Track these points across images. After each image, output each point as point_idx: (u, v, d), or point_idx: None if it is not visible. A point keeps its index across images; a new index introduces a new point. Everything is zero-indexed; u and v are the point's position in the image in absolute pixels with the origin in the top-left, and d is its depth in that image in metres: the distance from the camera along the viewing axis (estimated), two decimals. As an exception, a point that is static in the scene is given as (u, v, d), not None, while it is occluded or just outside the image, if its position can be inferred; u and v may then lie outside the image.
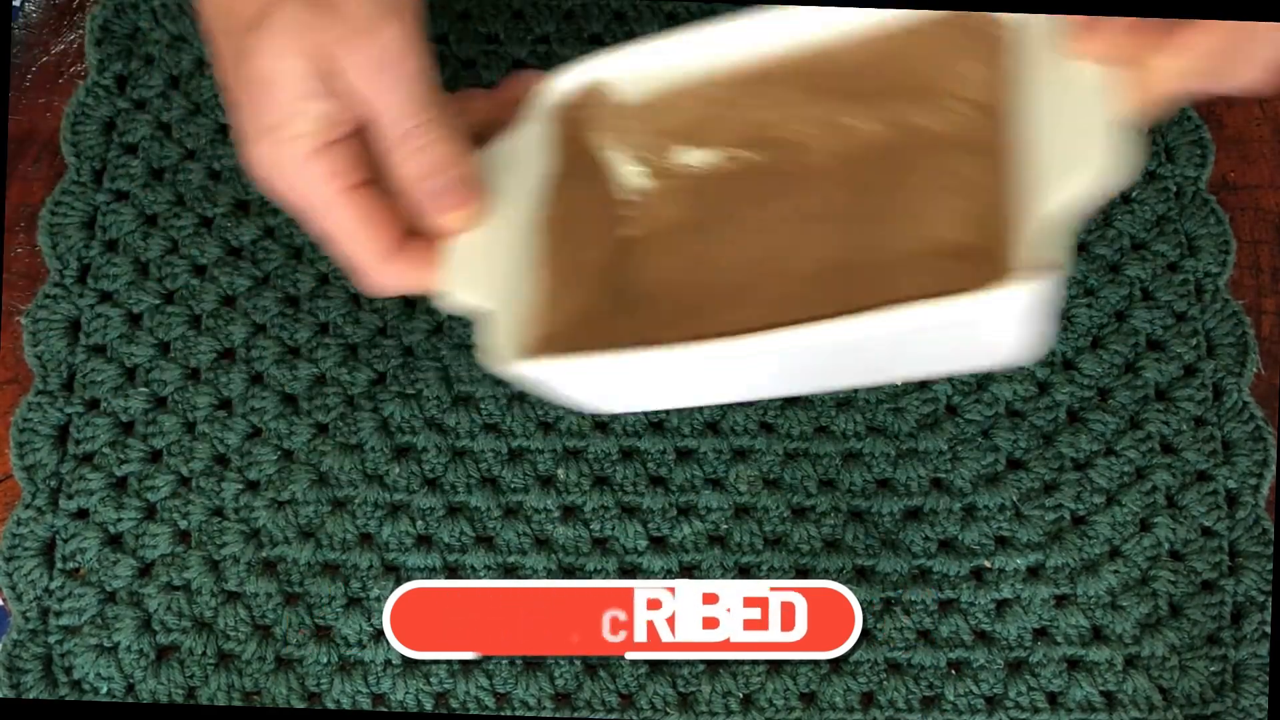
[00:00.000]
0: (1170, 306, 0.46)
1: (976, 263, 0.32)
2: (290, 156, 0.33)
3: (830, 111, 0.37)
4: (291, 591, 0.42)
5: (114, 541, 0.42)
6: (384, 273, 0.35)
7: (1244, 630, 0.42)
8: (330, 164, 0.34)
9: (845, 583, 0.42)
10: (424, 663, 0.42)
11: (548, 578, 0.42)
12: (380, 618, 0.42)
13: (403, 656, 0.42)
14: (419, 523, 0.43)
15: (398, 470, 0.43)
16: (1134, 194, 0.47)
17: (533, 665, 0.42)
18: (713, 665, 0.42)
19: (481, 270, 0.35)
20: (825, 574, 0.42)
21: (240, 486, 0.43)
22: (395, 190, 0.35)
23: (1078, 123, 0.31)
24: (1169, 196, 0.47)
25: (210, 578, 0.42)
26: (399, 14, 0.33)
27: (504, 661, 0.42)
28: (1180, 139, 0.48)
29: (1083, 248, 0.46)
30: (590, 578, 0.43)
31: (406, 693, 0.41)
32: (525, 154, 0.37)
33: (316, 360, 0.44)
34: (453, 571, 0.42)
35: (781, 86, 0.37)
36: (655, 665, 0.42)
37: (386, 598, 0.42)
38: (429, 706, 0.41)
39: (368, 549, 0.42)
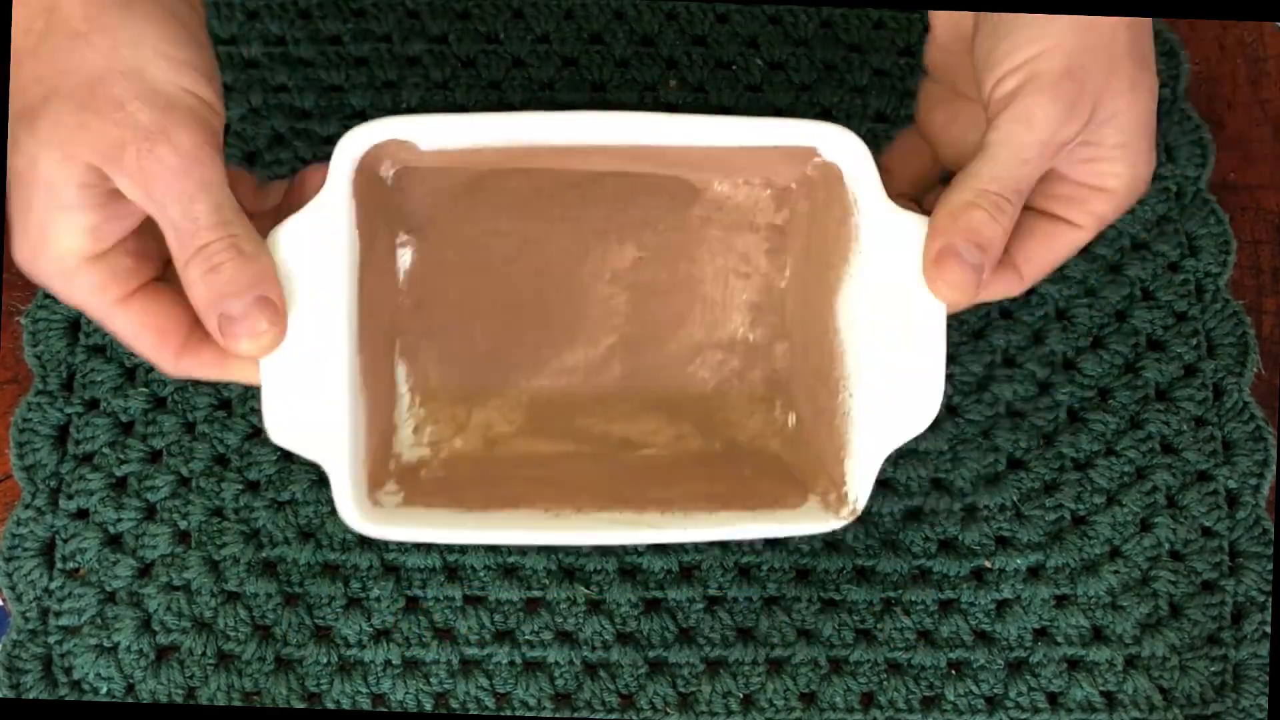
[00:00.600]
0: (1170, 306, 0.46)
1: (755, 363, 0.40)
2: (56, 270, 0.31)
3: (636, 166, 0.38)
4: (291, 592, 0.41)
5: (114, 541, 0.42)
6: (179, 369, 0.33)
7: (1244, 630, 0.42)
8: (99, 276, 0.31)
9: (845, 583, 0.42)
10: (425, 662, 0.42)
11: (546, 578, 0.42)
12: (380, 619, 0.41)
13: (403, 656, 0.42)
14: None
15: None
16: None
17: (533, 665, 0.42)
18: (713, 665, 0.42)
19: (301, 412, 0.33)
20: (825, 574, 0.42)
21: (240, 487, 0.42)
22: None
23: (901, 312, 0.34)
24: (1169, 196, 0.47)
25: (210, 578, 0.41)
26: (190, 117, 0.31)
27: (504, 662, 0.42)
28: (1181, 139, 0.48)
29: (1083, 248, 0.45)
30: (590, 578, 0.42)
31: (406, 693, 0.41)
32: (327, 227, 0.34)
33: None
34: (452, 572, 0.42)
35: (590, 152, 0.37)
36: (655, 665, 0.42)
37: (386, 598, 0.42)
38: (429, 706, 0.41)
39: (367, 550, 0.42)
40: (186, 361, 0.33)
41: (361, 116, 0.48)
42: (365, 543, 0.42)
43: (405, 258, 0.39)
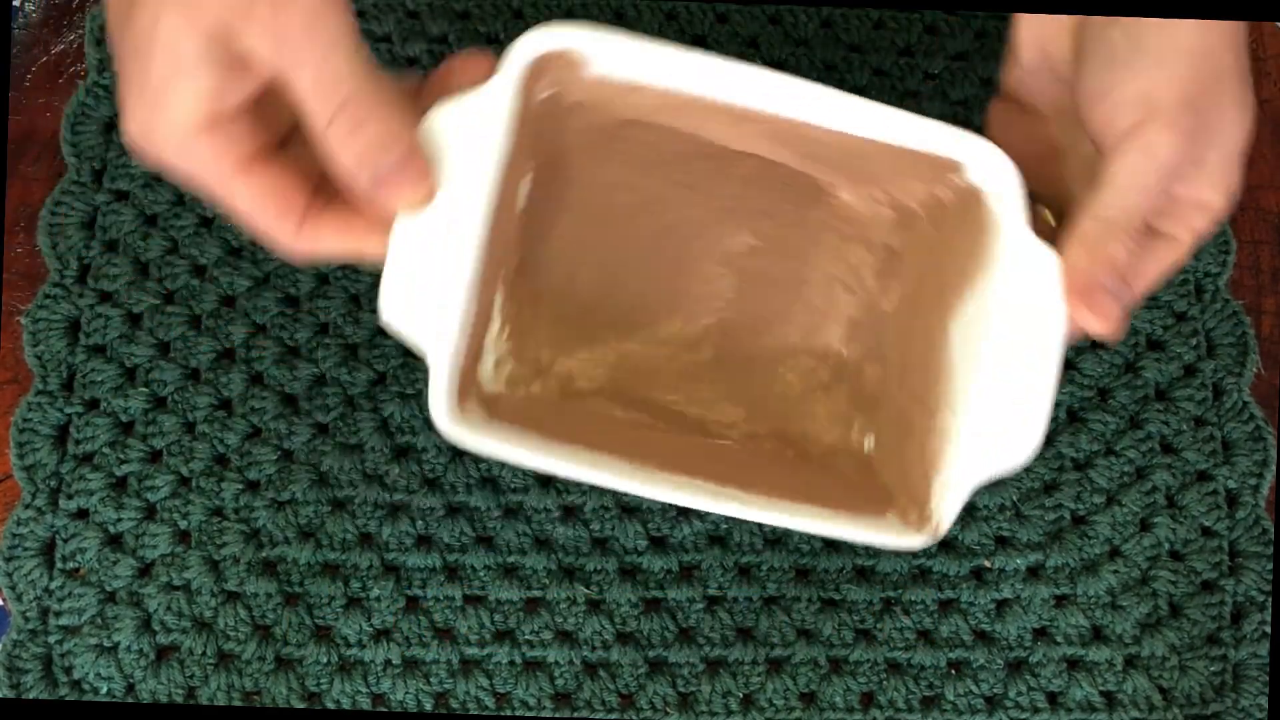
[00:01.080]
0: (1170, 306, 0.46)
1: (843, 378, 0.40)
2: (171, 136, 0.30)
3: (773, 151, 0.38)
4: (291, 591, 0.41)
5: (114, 541, 0.42)
6: (299, 244, 0.31)
7: (1244, 630, 0.42)
8: (219, 142, 0.30)
9: (845, 582, 0.42)
10: (425, 662, 0.42)
11: (546, 578, 0.42)
12: (380, 619, 0.42)
13: (403, 656, 0.42)
14: (419, 523, 0.42)
15: (397, 470, 0.43)
16: None
17: (533, 665, 0.42)
18: (713, 665, 0.42)
19: (419, 297, 0.32)
20: (825, 573, 0.42)
21: (240, 486, 0.42)
22: (327, 169, 0.31)
23: (1021, 344, 0.33)
24: None
25: (210, 578, 0.41)
26: None
27: (504, 661, 0.42)
28: None
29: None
30: (590, 578, 0.42)
31: (406, 693, 0.41)
32: (483, 129, 0.32)
33: (316, 360, 0.44)
34: (452, 572, 0.42)
35: (740, 120, 0.36)
36: (655, 665, 0.42)
37: (386, 597, 0.42)
38: (429, 706, 0.41)
39: (368, 549, 0.42)
40: (308, 231, 0.31)
41: None
42: (366, 542, 0.42)
43: (528, 186, 0.37)
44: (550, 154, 0.37)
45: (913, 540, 0.34)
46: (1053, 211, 0.37)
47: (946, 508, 0.33)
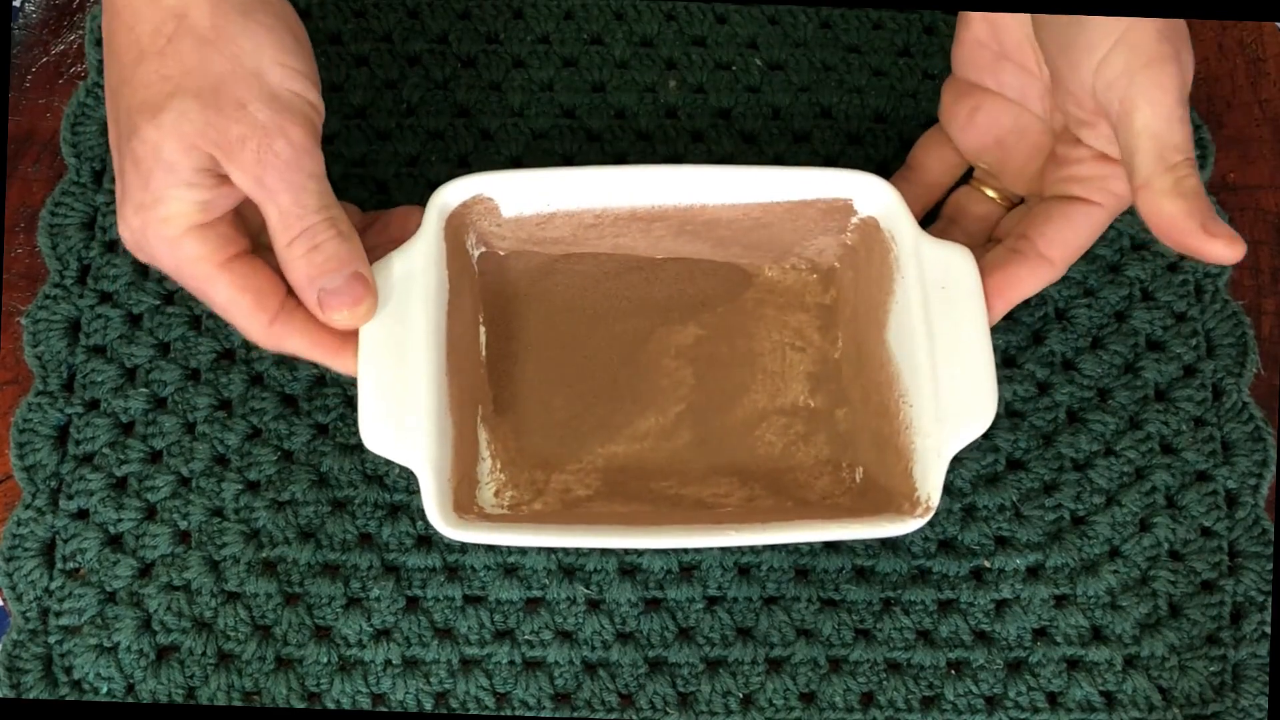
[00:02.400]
0: (1170, 307, 0.45)
1: (818, 427, 0.42)
2: (163, 234, 0.35)
3: (693, 250, 0.43)
4: (291, 592, 0.41)
5: (114, 542, 0.42)
6: (270, 340, 0.36)
7: (1244, 630, 0.42)
8: (204, 242, 0.35)
9: (845, 582, 0.42)
10: (425, 661, 0.42)
11: (546, 578, 0.42)
12: (380, 619, 0.41)
13: (403, 656, 0.42)
14: (419, 523, 0.42)
15: (397, 470, 0.43)
16: None
17: (533, 664, 0.42)
18: (713, 665, 0.42)
19: (394, 427, 0.36)
20: (825, 573, 0.42)
21: (240, 487, 0.42)
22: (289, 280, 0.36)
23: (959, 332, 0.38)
24: None
25: (210, 578, 0.41)
26: (300, 117, 0.35)
27: (504, 661, 0.42)
28: None
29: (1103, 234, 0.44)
30: (590, 577, 0.42)
31: (406, 692, 0.41)
32: (420, 270, 0.38)
33: (316, 362, 0.43)
34: (452, 572, 0.42)
35: (649, 223, 0.41)
36: (655, 664, 0.42)
37: (386, 597, 0.41)
38: (429, 706, 0.41)
39: (368, 549, 0.42)
40: (279, 328, 0.36)
41: (361, 115, 0.48)
42: (366, 542, 0.42)
43: (486, 335, 0.43)
44: (499, 301, 0.43)
45: (908, 524, 0.37)
46: (997, 188, 0.43)
47: (930, 484, 0.37)
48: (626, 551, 0.42)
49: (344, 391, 0.44)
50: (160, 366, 0.44)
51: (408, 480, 0.43)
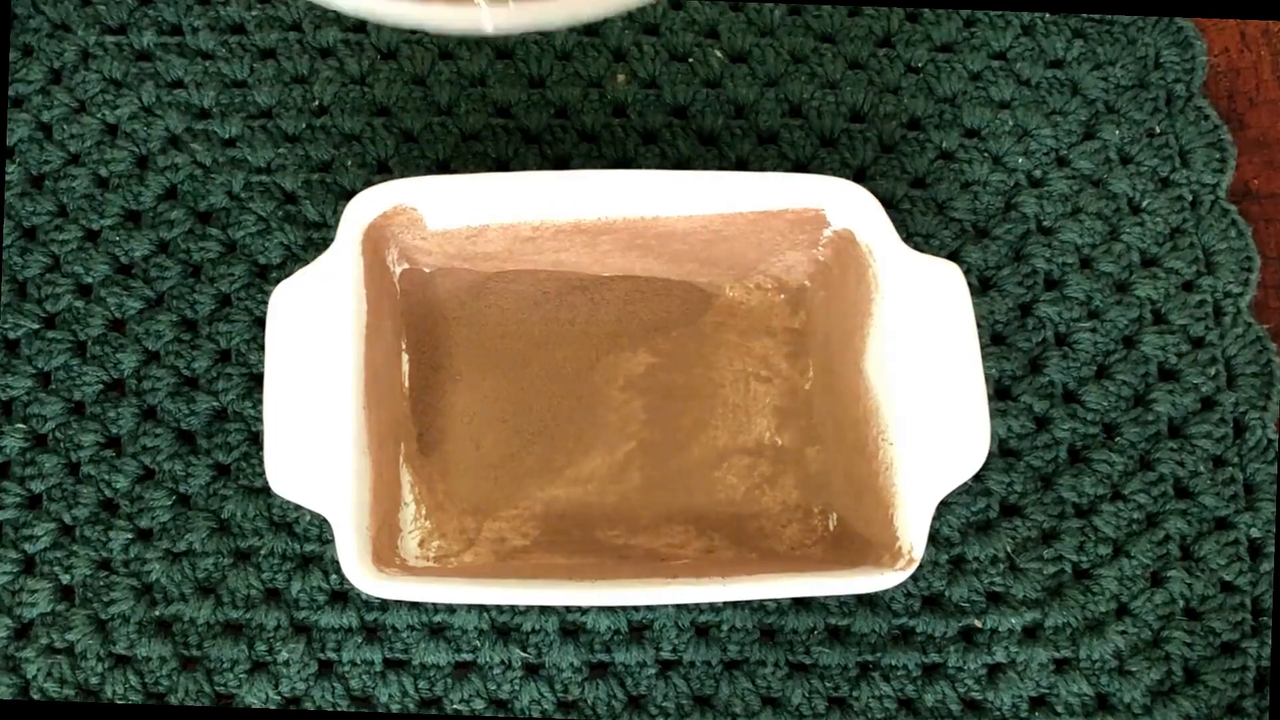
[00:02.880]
0: (1185, 331, 0.44)
1: (786, 468, 0.41)
2: None
3: (644, 266, 0.41)
4: (189, 655, 0.40)
5: (-15, 599, 0.41)
6: None
7: (1270, 699, 0.40)
8: None
9: (817, 644, 0.41)
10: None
11: (478, 639, 0.41)
12: (289, 685, 0.39)
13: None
14: (333, 577, 0.40)
15: (309, 517, 0.41)
16: (1144, 203, 0.45)
17: (531, 668, 0.38)
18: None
19: (305, 468, 0.35)
20: (794, 634, 0.41)
21: (130, 536, 0.41)
22: None
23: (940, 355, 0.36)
24: (1184, 206, 0.45)
25: (96, 639, 0.40)
26: None
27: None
28: (1196, 141, 0.46)
29: (1086, 264, 0.44)
30: (527, 639, 0.41)
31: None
32: (333, 290, 0.36)
33: (217, 392, 0.42)
34: (371, 632, 0.40)
35: (595, 236, 0.39)
36: (665, 665, 0.39)
37: (296, 662, 0.40)
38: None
39: (275, 606, 0.40)
40: None
41: (267, 115, 0.46)
42: (273, 598, 0.41)
43: (408, 365, 0.41)
44: (425, 325, 0.41)
45: (889, 578, 0.35)
46: None
47: (913, 535, 0.35)
48: (569, 609, 0.41)
49: (248, 428, 0.42)
50: (40, 399, 0.42)
51: (320, 528, 0.41)
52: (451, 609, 0.40)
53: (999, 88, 0.46)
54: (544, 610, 0.40)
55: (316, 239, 0.43)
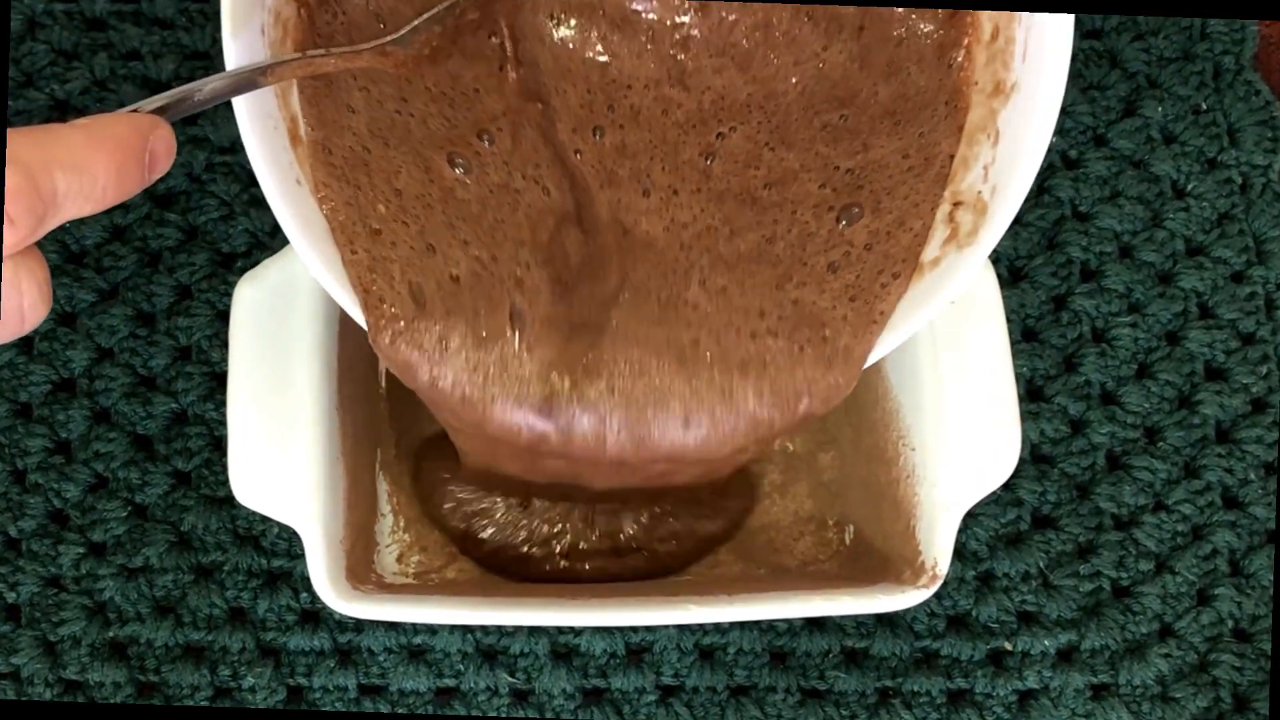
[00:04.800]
0: (1234, 326, 0.43)
1: (798, 476, 0.39)
2: None
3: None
4: (145, 680, 0.39)
5: (-75, 621, 0.39)
6: None
7: (1270, 699, 0.40)
8: None
9: (832, 668, 0.39)
10: None
11: (461, 663, 0.39)
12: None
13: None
14: (303, 595, 0.39)
15: (276, 529, 0.40)
16: (1189, 186, 0.44)
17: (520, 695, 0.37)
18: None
19: (274, 471, 0.34)
20: (807, 657, 0.39)
21: (82, 551, 0.40)
22: None
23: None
24: (1233, 190, 0.44)
25: (45, 663, 0.39)
26: None
27: None
28: (1246, 118, 0.44)
29: (1126, 253, 0.43)
30: (515, 663, 0.39)
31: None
32: (302, 278, 0.34)
33: (176, 393, 0.41)
34: (345, 655, 0.39)
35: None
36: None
37: (262, 688, 0.38)
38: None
39: (240, 628, 0.39)
40: None
41: None
42: (238, 618, 0.39)
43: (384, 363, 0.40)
44: None
45: (911, 596, 0.34)
46: None
47: (938, 548, 0.34)
48: (560, 630, 0.40)
49: (210, 432, 0.41)
50: (-18, 401, 0.40)
51: (289, 542, 0.40)
52: (433, 630, 0.39)
53: (1029, 62, 0.44)
54: (534, 631, 0.39)
55: (286, 226, 0.41)
